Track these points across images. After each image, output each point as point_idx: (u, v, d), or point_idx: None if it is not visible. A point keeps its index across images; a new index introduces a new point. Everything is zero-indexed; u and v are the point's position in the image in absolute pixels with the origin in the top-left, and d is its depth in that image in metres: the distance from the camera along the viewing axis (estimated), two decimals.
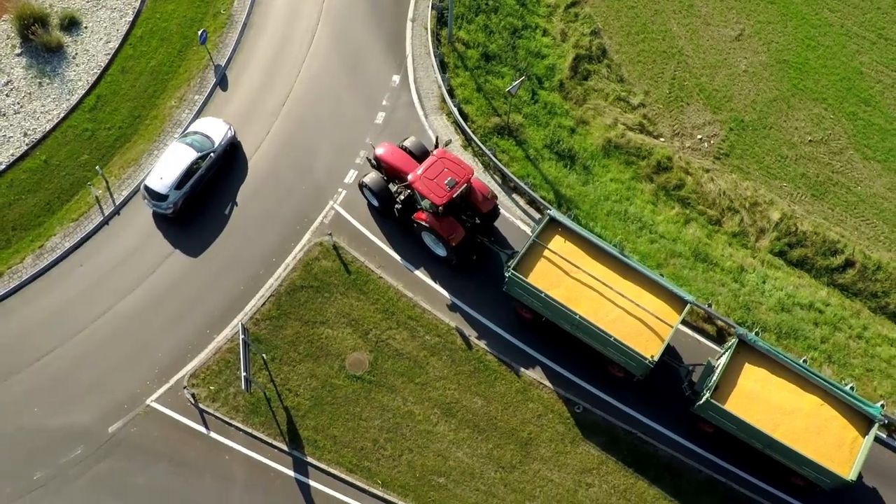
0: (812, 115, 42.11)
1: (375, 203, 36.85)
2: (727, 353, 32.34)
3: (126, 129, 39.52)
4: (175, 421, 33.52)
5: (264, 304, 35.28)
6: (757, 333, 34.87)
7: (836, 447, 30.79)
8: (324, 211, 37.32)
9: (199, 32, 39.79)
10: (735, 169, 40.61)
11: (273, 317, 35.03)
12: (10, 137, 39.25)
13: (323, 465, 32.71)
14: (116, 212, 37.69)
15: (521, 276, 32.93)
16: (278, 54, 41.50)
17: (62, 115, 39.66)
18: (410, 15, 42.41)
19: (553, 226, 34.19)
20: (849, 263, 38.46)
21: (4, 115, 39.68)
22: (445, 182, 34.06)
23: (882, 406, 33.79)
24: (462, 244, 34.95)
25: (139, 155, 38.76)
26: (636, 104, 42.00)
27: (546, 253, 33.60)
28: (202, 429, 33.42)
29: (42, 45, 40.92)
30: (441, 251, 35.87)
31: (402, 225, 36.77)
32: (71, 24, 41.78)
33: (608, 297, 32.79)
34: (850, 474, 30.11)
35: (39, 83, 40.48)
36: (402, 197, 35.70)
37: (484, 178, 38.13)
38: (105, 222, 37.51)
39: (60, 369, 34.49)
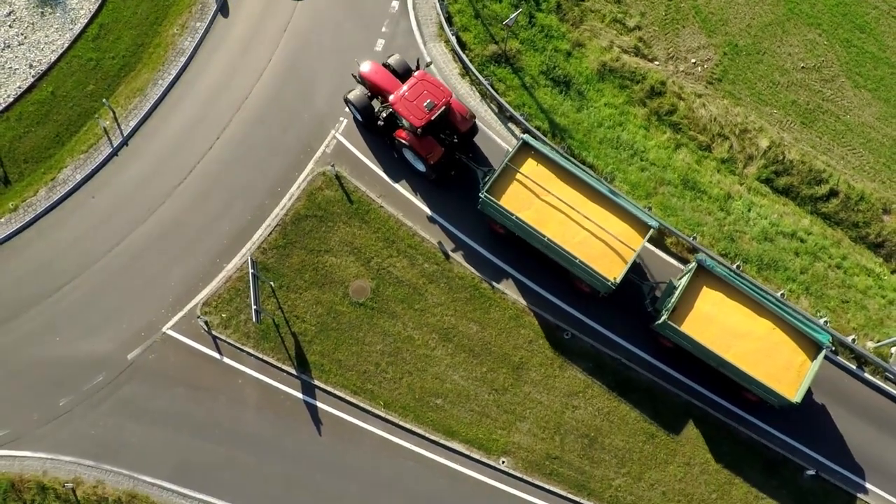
0: (806, 41, 42.56)
1: (359, 118, 38.32)
2: (686, 276, 34.30)
3: (130, 57, 40.17)
4: (190, 347, 35.73)
5: (271, 233, 36.93)
6: (738, 267, 36.77)
7: (785, 370, 33.17)
8: (326, 140, 38.47)
9: None
10: (727, 94, 41.42)
11: (279, 246, 36.76)
12: (15, 70, 39.96)
13: (329, 388, 35.12)
14: (125, 142, 38.81)
15: (493, 199, 34.75)
16: None
17: (66, 45, 40.20)
18: None
19: (526, 150, 35.70)
20: (833, 193, 39.83)
21: (9, 46, 40.24)
22: (425, 104, 35.59)
23: (853, 340, 36.07)
24: (440, 162, 36.66)
25: (144, 84, 39.56)
26: (632, 26, 42.39)
27: (518, 176, 35.30)
28: (216, 354, 35.67)
29: None
30: (421, 166, 37.58)
31: (385, 138, 38.28)
32: None
33: (576, 220, 34.68)
34: (796, 396, 32.60)
35: (41, 13, 40.83)
36: (384, 115, 37.19)
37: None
38: (114, 153, 38.67)
39: (79, 300, 36.46)
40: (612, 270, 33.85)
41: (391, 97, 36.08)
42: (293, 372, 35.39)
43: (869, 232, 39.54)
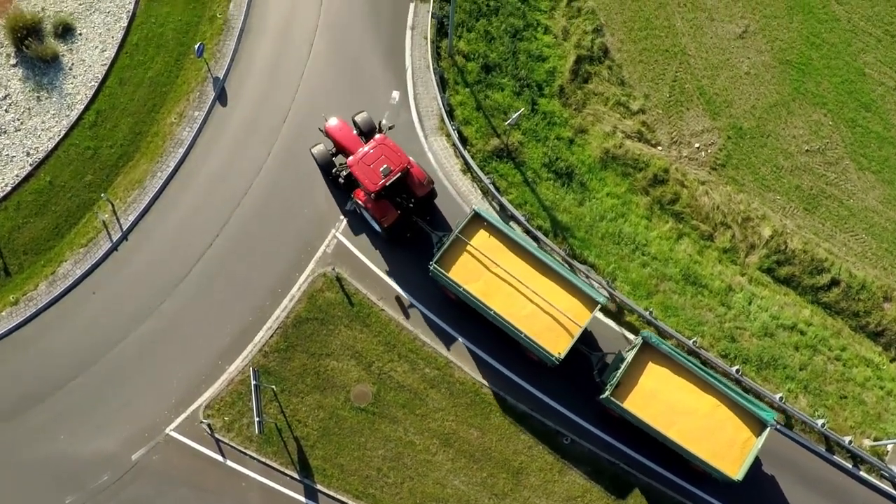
0: (811, 122, 42.14)
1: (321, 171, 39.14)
2: (632, 352, 34.60)
3: (128, 146, 39.81)
4: (193, 449, 36.03)
5: (272, 336, 37.02)
6: (738, 371, 36.94)
7: (728, 447, 33.52)
8: (326, 239, 38.37)
9: (196, 46, 39.27)
10: (730, 181, 41.15)
11: (281, 349, 36.88)
12: (13, 157, 39.61)
13: (331, 493, 35.46)
14: (125, 237, 38.66)
15: (441, 271, 35.31)
16: (277, 65, 41.10)
17: (63, 132, 39.79)
18: (410, 22, 41.58)
19: (477, 221, 36.09)
20: (834, 282, 39.73)
21: (5, 132, 39.84)
22: (381, 170, 36.02)
23: (850, 441, 36.38)
24: (394, 225, 37.20)
25: (143, 176, 39.28)
26: (636, 109, 41.91)
27: (468, 248, 35.73)
28: (219, 457, 35.98)
29: (37, 56, 40.43)
30: (377, 226, 37.99)
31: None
32: (65, 31, 41.04)
33: (524, 293, 35.14)
34: (738, 474, 32.98)
35: (38, 97, 40.35)
36: (344, 173, 37.69)
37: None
38: (114, 248, 38.55)
39: (83, 398, 36.66)
40: (558, 345, 34.38)
41: (350, 158, 36.65)
42: (296, 476, 35.70)
43: (869, 321, 39.60)
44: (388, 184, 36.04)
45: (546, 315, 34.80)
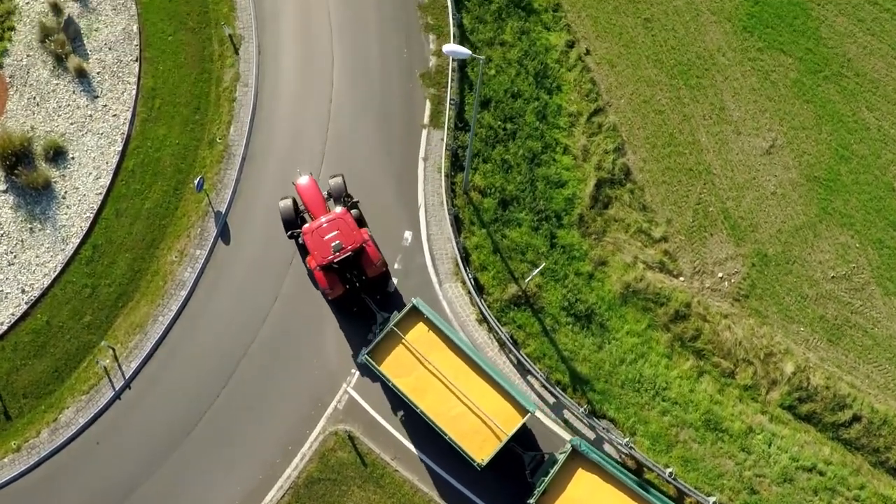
0: (838, 245, 40.55)
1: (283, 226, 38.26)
2: (561, 458, 33.85)
3: (127, 285, 37.99)
4: None
5: (283, 496, 36.03)
6: None
7: None
8: (337, 395, 36.98)
9: (196, 181, 37.06)
10: (753, 312, 39.78)
11: None
12: (7, 294, 37.79)
13: None
14: (127, 385, 37.25)
15: (372, 362, 34.82)
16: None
17: (59, 268, 37.93)
18: (422, 153, 39.33)
19: (416, 314, 35.31)
20: (856, 418, 38.91)
21: None
22: (332, 244, 35.33)
23: None
24: (339, 299, 36.62)
25: (144, 320, 37.58)
26: (657, 237, 40.20)
27: (403, 341, 35.01)
28: None
29: (28, 184, 38.15)
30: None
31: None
32: (56, 155, 38.72)
33: (455, 393, 34.44)
34: None
35: (30, 229, 38.27)
36: (301, 236, 36.88)
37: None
38: (117, 397, 37.20)
39: None
40: (483, 450, 33.66)
41: (305, 226, 36.00)
42: None
43: (889, 457, 38.91)
44: (335, 261, 35.27)
45: (475, 418, 34.01)
